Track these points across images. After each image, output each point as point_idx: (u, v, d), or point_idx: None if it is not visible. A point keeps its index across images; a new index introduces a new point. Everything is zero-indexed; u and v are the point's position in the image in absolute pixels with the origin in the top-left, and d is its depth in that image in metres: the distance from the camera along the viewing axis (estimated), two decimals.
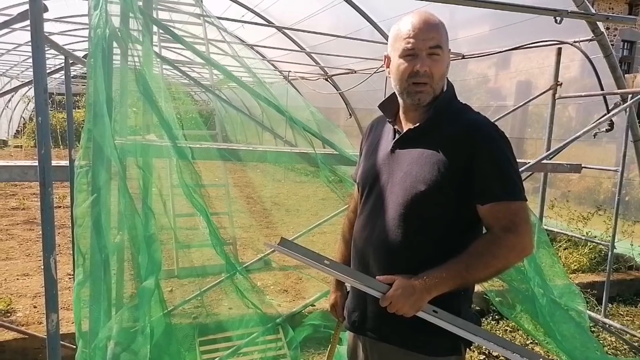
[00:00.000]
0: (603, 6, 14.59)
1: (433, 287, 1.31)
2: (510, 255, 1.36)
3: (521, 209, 1.38)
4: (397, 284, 1.33)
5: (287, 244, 1.31)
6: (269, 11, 7.40)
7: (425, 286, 1.31)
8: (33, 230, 5.89)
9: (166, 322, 1.68)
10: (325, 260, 1.34)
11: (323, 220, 3.59)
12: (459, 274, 1.32)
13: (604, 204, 5.55)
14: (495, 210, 1.36)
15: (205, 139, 4.23)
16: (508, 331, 3.74)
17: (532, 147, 6.03)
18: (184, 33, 6.01)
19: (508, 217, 1.34)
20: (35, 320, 3.42)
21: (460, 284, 1.34)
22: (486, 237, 1.38)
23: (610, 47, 3.90)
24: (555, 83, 3.93)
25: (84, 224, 1.48)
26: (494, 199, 1.35)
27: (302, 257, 1.32)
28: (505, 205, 1.36)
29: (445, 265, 1.32)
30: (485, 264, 1.33)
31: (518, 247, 1.35)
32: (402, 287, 1.31)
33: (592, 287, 4.42)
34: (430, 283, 1.31)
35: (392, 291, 1.32)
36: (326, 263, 1.33)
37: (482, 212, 1.38)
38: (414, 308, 1.31)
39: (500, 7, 2.71)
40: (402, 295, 1.31)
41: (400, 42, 1.41)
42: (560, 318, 2.27)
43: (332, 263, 1.35)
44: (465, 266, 1.32)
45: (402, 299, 1.30)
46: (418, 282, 1.31)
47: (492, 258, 1.33)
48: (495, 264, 1.35)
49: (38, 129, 1.46)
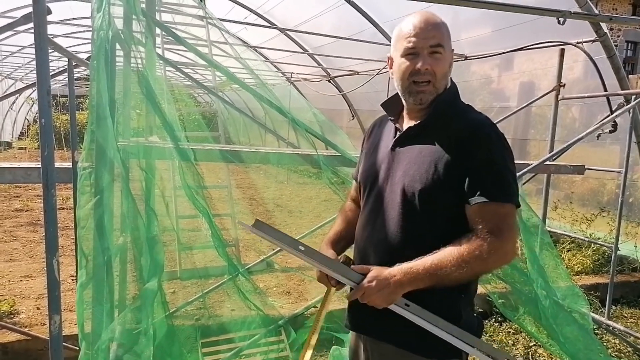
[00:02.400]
0: (606, 7, 14.56)
1: (407, 283, 1.30)
2: (490, 259, 1.32)
3: (510, 214, 1.35)
4: (371, 275, 1.32)
5: (262, 226, 1.28)
6: (272, 13, 7.41)
7: (399, 281, 1.30)
8: (37, 231, 5.91)
9: (168, 324, 1.68)
10: (300, 246, 1.31)
11: (326, 221, 3.58)
12: (435, 272, 1.29)
13: (608, 205, 5.53)
14: (482, 211, 1.33)
15: (207, 141, 4.24)
16: (511, 333, 3.72)
17: (535, 149, 6.01)
18: (186, 35, 6.04)
19: (494, 220, 1.32)
20: (38, 321, 3.42)
21: (435, 282, 1.31)
22: (468, 237, 1.33)
23: (613, 47, 3.89)
24: (558, 84, 3.92)
25: (87, 225, 1.49)
26: (483, 198, 1.32)
27: (275, 240, 1.30)
28: (493, 207, 1.33)
29: (422, 261, 1.31)
30: (463, 264, 1.29)
31: (500, 251, 1.32)
32: (376, 279, 1.31)
33: (596, 289, 4.40)
34: (405, 278, 1.30)
35: (366, 282, 1.31)
36: (300, 249, 1.31)
37: (470, 212, 1.35)
38: (386, 301, 1.31)
39: (502, 8, 2.71)
40: (375, 288, 1.30)
41: (402, 42, 1.42)
42: (564, 320, 2.26)
43: (307, 249, 1.32)
44: (443, 265, 1.29)
45: (376, 291, 1.30)
46: (393, 276, 1.30)
47: (471, 259, 1.29)
48: (473, 266, 1.30)
49: (41, 131, 1.47)
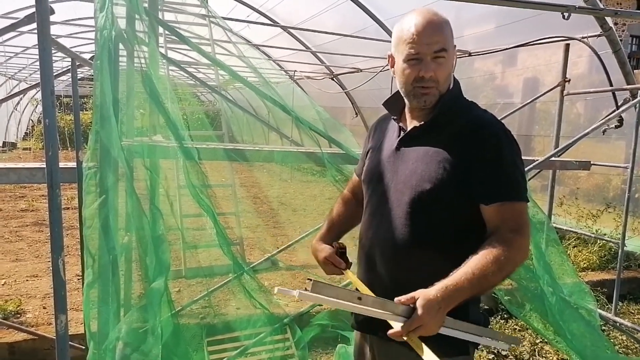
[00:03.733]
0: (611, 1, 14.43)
1: (454, 300, 1.22)
2: (517, 257, 1.31)
3: (524, 210, 1.37)
4: (420, 305, 1.18)
5: (319, 287, 1.19)
6: (275, 11, 7.40)
7: (446, 302, 1.20)
8: (42, 231, 5.93)
9: (174, 323, 1.68)
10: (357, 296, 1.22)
11: None
12: (478, 282, 1.24)
13: (614, 201, 5.50)
14: (502, 211, 1.33)
15: (211, 140, 4.24)
16: (517, 330, 3.71)
17: (540, 145, 5.98)
18: (189, 34, 6.03)
19: (514, 219, 1.32)
20: (44, 321, 3.44)
21: (477, 292, 1.28)
22: (497, 240, 1.30)
23: (619, 42, 3.87)
24: (563, 80, 3.90)
25: (93, 225, 1.49)
26: (500, 199, 1.33)
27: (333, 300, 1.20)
28: (510, 206, 1.33)
29: (463, 273, 1.24)
30: (500, 268, 1.27)
31: (523, 248, 1.33)
32: (426, 307, 1.18)
33: (602, 285, 4.38)
34: (452, 297, 1.21)
35: (420, 313, 1.17)
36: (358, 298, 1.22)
37: (487, 213, 1.35)
38: (438, 325, 1.21)
39: (507, 4, 2.69)
40: (428, 316, 1.17)
41: (404, 46, 1.37)
42: (570, 317, 2.25)
43: (364, 297, 1.23)
44: (483, 273, 1.24)
45: (429, 320, 1.18)
46: (439, 297, 1.19)
47: (505, 261, 1.27)
48: (508, 267, 1.29)
49: (45, 131, 1.47)
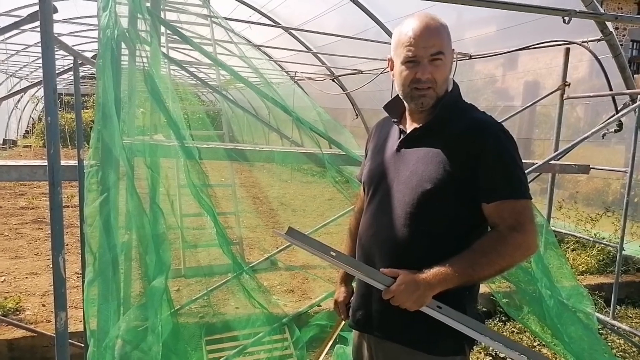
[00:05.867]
0: (612, 6, 14.45)
1: (437, 283, 1.31)
2: (515, 254, 1.36)
3: (527, 208, 1.38)
4: (401, 279, 1.32)
5: (294, 233, 1.33)
6: (276, 12, 7.41)
7: (429, 282, 1.31)
8: (42, 229, 5.94)
9: (173, 322, 1.69)
10: (332, 252, 1.35)
11: (329, 220, 3.58)
12: (464, 271, 1.31)
13: (613, 205, 5.51)
14: (500, 209, 1.36)
15: (212, 139, 4.25)
16: (515, 333, 3.72)
17: (540, 148, 5.99)
18: (191, 34, 6.05)
19: (514, 216, 1.35)
20: (44, 318, 3.45)
21: (464, 281, 1.33)
22: (491, 235, 1.38)
23: (619, 47, 3.87)
24: (563, 83, 3.90)
25: (94, 223, 1.49)
26: (499, 197, 1.36)
27: (308, 247, 1.34)
28: (510, 204, 1.36)
29: (450, 262, 1.32)
30: (490, 261, 1.33)
31: (523, 245, 1.36)
32: (405, 282, 1.31)
33: (601, 288, 4.39)
34: (435, 279, 1.31)
35: (396, 286, 1.32)
36: (332, 254, 1.35)
37: (488, 211, 1.38)
38: (417, 303, 1.32)
39: (507, 7, 2.70)
40: (405, 291, 1.31)
41: (402, 49, 1.41)
42: (568, 320, 2.25)
43: (338, 254, 1.36)
44: (471, 263, 1.32)
45: (406, 294, 1.30)
46: (422, 277, 1.31)
47: (497, 256, 1.33)
48: (500, 262, 1.35)
49: (47, 129, 1.48)
